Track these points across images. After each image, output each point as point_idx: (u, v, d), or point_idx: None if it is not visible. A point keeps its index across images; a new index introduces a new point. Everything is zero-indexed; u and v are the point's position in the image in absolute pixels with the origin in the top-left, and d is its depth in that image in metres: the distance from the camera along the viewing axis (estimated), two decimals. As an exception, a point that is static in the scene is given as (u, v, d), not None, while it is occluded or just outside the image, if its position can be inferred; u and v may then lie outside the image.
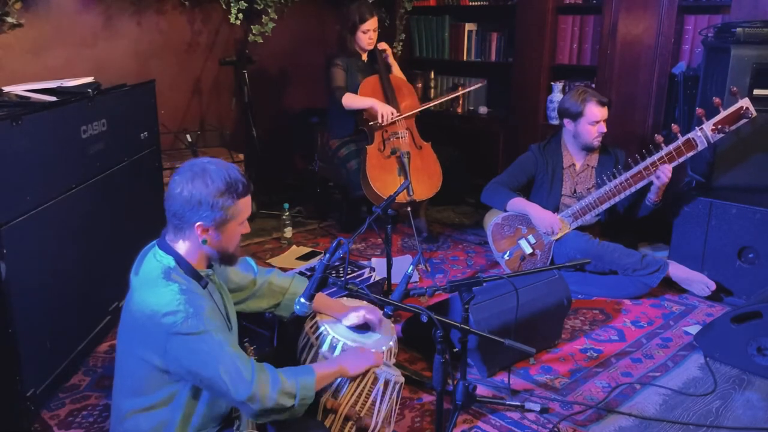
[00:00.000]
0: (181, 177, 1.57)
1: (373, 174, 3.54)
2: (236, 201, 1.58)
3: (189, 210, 1.56)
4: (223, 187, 1.55)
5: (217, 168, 1.58)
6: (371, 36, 3.69)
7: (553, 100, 4.08)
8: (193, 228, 1.58)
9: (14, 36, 3.29)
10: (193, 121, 4.19)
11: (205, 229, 1.58)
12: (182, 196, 1.55)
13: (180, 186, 1.56)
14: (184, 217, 1.57)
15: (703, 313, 2.97)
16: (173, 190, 1.57)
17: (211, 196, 1.55)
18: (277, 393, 1.56)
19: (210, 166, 1.58)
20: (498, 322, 2.35)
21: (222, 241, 1.62)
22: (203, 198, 1.54)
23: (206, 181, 1.55)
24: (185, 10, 3.98)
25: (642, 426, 2.14)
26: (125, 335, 1.64)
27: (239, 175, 1.60)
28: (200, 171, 1.56)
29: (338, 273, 2.71)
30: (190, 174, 1.56)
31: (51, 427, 2.14)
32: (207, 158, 1.63)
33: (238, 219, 1.62)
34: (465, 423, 2.16)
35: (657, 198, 3.07)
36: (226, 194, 1.56)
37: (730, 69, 2.94)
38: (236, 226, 1.63)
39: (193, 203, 1.55)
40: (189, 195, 1.55)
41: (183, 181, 1.56)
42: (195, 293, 1.56)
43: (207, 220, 1.57)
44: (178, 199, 1.56)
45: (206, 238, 1.59)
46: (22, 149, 2.07)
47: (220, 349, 1.52)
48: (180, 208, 1.56)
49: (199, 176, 1.55)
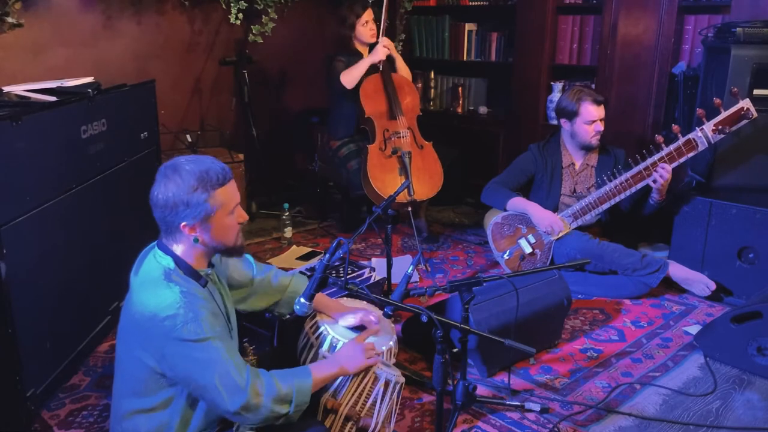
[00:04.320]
0: (156, 182, 1.56)
1: (373, 173, 3.54)
2: (212, 192, 1.54)
3: (169, 213, 1.55)
4: (194, 183, 1.53)
5: (189, 164, 1.55)
6: (371, 27, 3.73)
7: (553, 100, 4.07)
8: (180, 229, 1.57)
9: (14, 36, 3.28)
10: (193, 121, 4.19)
11: (191, 228, 1.56)
12: (160, 201, 1.54)
13: (156, 191, 1.55)
14: (168, 221, 1.56)
15: (703, 313, 2.97)
16: (152, 196, 1.56)
17: (184, 194, 1.52)
18: (271, 401, 1.55)
19: (184, 164, 1.55)
20: (498, 322, 2.35)
21: (214, 234, 1.59)
22: (177, 198, 1.53)
23: (177, 180, 1.53)
24: (185, 10, 3.98)
25: (642, 426, 2.14)
26: (124, 336, 1.64)
27: (214, 166, 1.56)
28: (171, 172, 1.54)
29: (338, 273, 2.71)
30: (162, 177, 1.55)
31: (51, 427, 2.14)
32: (185, 156, 1.60)
33: (223, 209, 1.57)
34: (465, 423, 2.16)
35: (660, 197, 3.07)
36: (200, 188, 1.53)
37: (730, 69, 2.94)
38: (224, 217, 1.59)
39: (170, 205, 1.53)
40: (165, 198, 1.54)
41: (158, 185, 1.55)
42: (196, 296, 1.55)
43: (189, 219, 1.55)
44: (158, 205, 1.55)
45: (196, 236, 1.58)
46: (22, 149, 2.07)
47: (216, 357, 1.51)
48: (161, 213, 1.56)
49: (171, 177, 1.54)
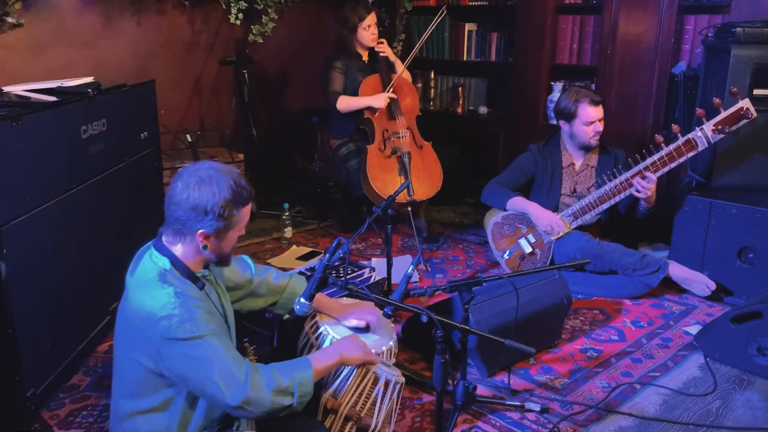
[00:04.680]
0: (186, 182, 1.55)
1: (373, 173, 3.54)
2: (240, 210, 1.59)
3: (194, 218, 1.55)
4: (229, 197, 1.54)
5: (222, 175, 1.56)
6: (373, 31, 3.72)
7: (553, 100, 4.07)
8: (195, 235, 1.57)
9: (14, 36, 3.28)
10: (193, 121, 4.19)
11: (206, 237, 1.58)
12: (188, 203, 1.54)
13: (186, 192, 1.54)
14: (187, 224, 1.56)
15: (703, 313, 2.97)
16: (178, 195, 1.55)
17: (217, 206, 1.54)
18: (272, 393, 1.55)
19: (215, 172, 1.56)
20: (498, 322, 2.35)
21: (221, 246, 1.63)
22: (209, 207, 1.53)
23: (213, 189, 1.53)
24: (185, 10, 3.98)
25: (642, 426, 2.14)
26: (121, 337, 1.64)
27: (243, 183, 1.59)
28: (207, 177, 1.54)
29: (338, 273, 2.71)
30: (196, 180, 1.54)
31: (51, 427, 2.14)
32: (209, 162, 1.61)
33: (239, 226, 1.63)
34: (465, 423, 2.16)
35: (648, 204, 3.06)
36: (232, 204, 1.55)
37: (730, 69, 2.94)
38: (237, 232, 1.64)
39: (199, 211, 1.54)
40: (195, 202, 1.53)
41: (189, 187, 1.54)
42: (191, 296, 1.55)
43: (210, 228, 1.56)
44: (183, 205, 1.54)
45: (207, 244, 1.59)
46: (22, 149, 2.07)
47: (214, 355, 1.51)
48: (184, 214, 1.55)
49: (206, 183, 1.54)
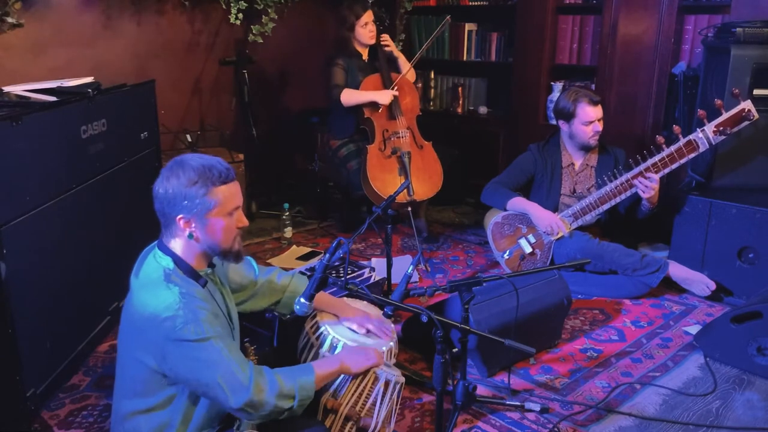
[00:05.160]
0: (160, 177, 1.58)
1: (373, 173, 3.54)
2: (212, 188, 1.55)
3: (168, 205, 1.57)
4: (194, 177, 1.54)
5: (194, 159, 1.58)
6: (371, 29, 3.72)
7: (552, 100, 4.07)
8: (176, 222, 1.57)
9: (14, 36, 3.28)
10: (193, 121, 4.19)
11: (187, 222, 1.57)
12: (160, 193, 1.57)
13: (161, 186, 1.57)
14: (166, 214, 1.58)
15: (703, 313, 2.97)
16: (154, 189, 1.58)
17: (183, 187, 1.54)
18: (274, 398, 1.56)
19: (189, 160, 1.58)
20: (498, 322, 2.35)
21: (209, 232, 1.58)
22: (176, 190, 1.55)
23: (179, 173, 1.55)
24: (185, 10, 3.98)
25: (642, 426, 2.14)
26: (125, 337, 1.64)
27: (218, 164, 1.58)
28: (176, 166, 1.57)
29: (338, 273, 2.71)
30: (167, 172, 1.58)
31: (51, 427, 2.13)
32: (194, 154, 1.63)
33: (221, 208, 1.57)
34: (465, 423, 2.16)
35: (651, 204, 3.06)
36: (199, 182, 1.54)
37: (731, 69, 2.94)
38: (222, 216, 1.58)
39: (170, 198, 1.55)
40: (165, 191, 1.56)
41: (161, 180, 1.57)
42: (195, 297, 1.55)
43: (186, 212, 1.56)
44: (158, 196, 1.58)
45: (191, 231, 1.58)
46: (22, 149, 2.07)
47: (218, 356, 1.51)
48: (160, 205, 1.58)
49: (174, 171, 1.56)
